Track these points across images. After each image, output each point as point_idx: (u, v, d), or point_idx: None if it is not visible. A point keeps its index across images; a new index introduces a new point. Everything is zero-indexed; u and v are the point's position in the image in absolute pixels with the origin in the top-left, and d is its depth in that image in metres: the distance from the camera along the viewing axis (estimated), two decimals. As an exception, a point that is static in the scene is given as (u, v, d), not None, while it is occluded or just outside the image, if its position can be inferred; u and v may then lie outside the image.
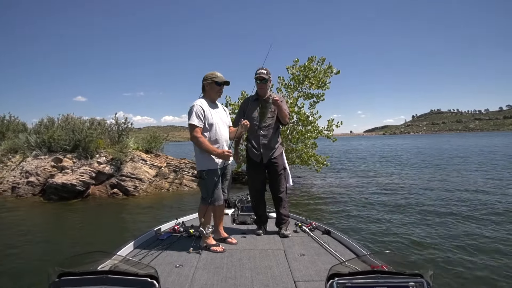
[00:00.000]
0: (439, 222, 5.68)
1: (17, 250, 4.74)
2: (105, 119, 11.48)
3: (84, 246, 4.95)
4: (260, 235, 2.98)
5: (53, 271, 1.30)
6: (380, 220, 5.97)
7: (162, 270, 2.14)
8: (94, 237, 5.55)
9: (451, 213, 6.29)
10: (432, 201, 7.57)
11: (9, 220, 6.78)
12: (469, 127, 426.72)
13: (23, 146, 10.91)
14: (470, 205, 7.02)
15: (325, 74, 10.85)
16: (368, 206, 7.17)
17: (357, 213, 6.49)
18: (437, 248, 4.41)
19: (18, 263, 4.22)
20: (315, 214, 6.54)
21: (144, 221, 6.31)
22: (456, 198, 7.77)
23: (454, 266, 3.82)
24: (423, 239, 4.78)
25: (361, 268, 1.44)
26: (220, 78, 2.71)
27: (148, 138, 11.51)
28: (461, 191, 8.71)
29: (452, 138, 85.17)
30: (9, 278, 3.76)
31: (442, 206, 7.00)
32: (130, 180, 9.37)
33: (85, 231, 5.96)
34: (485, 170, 13.05)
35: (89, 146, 9.94)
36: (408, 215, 6.26)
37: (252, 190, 3.10)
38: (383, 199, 7.93)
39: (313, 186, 10.43)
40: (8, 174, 10.23)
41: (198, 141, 2.55)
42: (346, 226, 5.60)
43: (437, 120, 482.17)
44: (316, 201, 7.97)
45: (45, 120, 11.64)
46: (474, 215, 6.13)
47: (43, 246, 5.00)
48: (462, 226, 5.45)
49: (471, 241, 4.67)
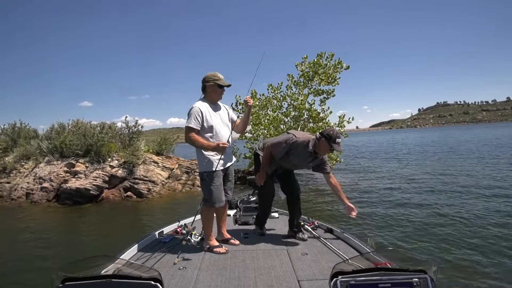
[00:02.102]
0: (442, 218, 5.64)
1: (29, 255, 4.75)
2: (115, 123, 11.50)
3: (99, 249, 4.93)
4: (264, 235, 2.99)
5: (57, 276, 1.29)
6: (383, 217, 5.95)
7: (165, 272, 2.13)
8: (110, 240, 5.53)
9: (456, 209, 6.23)
10: (435, 196, 7.52)
11: (25, 225, 6.81)
12: (477, 119, 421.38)
13: (35, 152, 10.98)
14: (477, 200, 6.92)
15: (335, 70, 10.72)
16: (372, 202, 7.18)
17: (361, 210, 6.44)
18: (440, 244, 4.40)
19: (31, 268, 4.22)
20: (318, 212, 6.55)
21: (159, 223, 6.27)
22: (462, 192, 7.70)
23: (458, 261, 3.82)
24: (426, 236, 4.76)
25: (365, 265, 1.44)
26: (222, 81, 2.66)
27: (159, 140, 11.50)
28: (467, 186, 8.56)
29: (460, 130, 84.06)
30: (20, 283, 3.78)
31: (445, 202, 6.93)
32: (143, 182, 9.36)
33: (101, 235, 5.96)
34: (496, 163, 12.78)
35: (101, 150, 9.95)
36: (413, 212, 6.23)
37: (266, 195, 3.00)
38: (388, 196, 7.88)
39: (316, 183, 10.29)
40: (21, 181, 10.29)
41: (191, 140, 2.53)
42: (348, 225, 5.59)
43: (444, 113, 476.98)
44: (320, 198, 7.95)
45: (56, 125, 11.69)
46: (481, 210, 6.05)
47: (58, 251, 5.00)
48: (466, 222, 5.38)
49: (475, 237, 4.61)
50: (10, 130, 12.90)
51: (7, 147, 12.39)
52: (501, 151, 17.45)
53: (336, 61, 10.72)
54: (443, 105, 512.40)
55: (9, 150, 12.13)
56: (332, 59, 10.82)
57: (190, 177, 10.54)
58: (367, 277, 1.29)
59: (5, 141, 12.59)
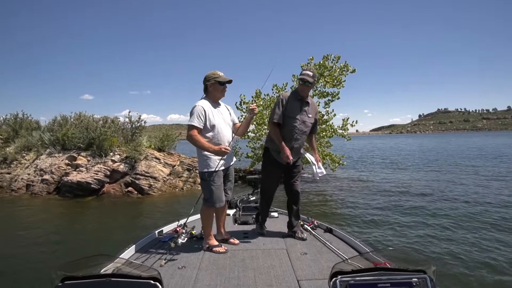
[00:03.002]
0: (443, 220, 5.74)
1: (29, 249, 4.73)
2: (117, 117, 11.45)
3: (99, 244, 4.92)
4: (264, 234, 2.97)
5: (56, 275, 1.29)
6: (383, 217, 6.01)
7: (164, 272, 2.13)
8: (110, 236, 5.51)
9: (454, 212, 6.35)
10: (435, 200, 7.59)
11: (25, 217, 6.79)
12: (477, 127, 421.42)
13: (36, 144, 10.93)
14: (473, 202, 7.09)
15: (341, 73, 10.69)
16: (373, 203, 7.20)
17: (360, 211, 6.51)
18: (439, 244, 4.47)
19: (29, 262, 4.19)
20: (318, 212, 6.57)
21: (161, 220, 6.24)
22: (458, 195, 7.88)
23: (458, 261, 3.87)
24: (425, 236, 4.85)
25: (364, 265, 1.43)
26: (223, 77, 2.65)
27: (161, 136, 11.46)
28: (466, 189, 8.67)
29: (462, 137, 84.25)
30: (18, 277, 3.74)
31: (445, 203, 7.07)
32: (144, 178, 9.32)
33: (102, 230, 5.94)
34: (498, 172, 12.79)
35: (103, 144, 9.91)
36: (412, 214, 6.32)
37: (268, 191, 3.01)
38: (388, 196, 7.96)
39: (317, 183, 10.29)
40: (22, 172, 10.25)
41: (193, 139, 2.51)
42: (348, 224, 5.66)
43: (444, 119, 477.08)
44: (320, 198, 7.92)
45: (59, 118, 11.64)
46: (481, 210, 6.28)
47: (58, 244, 4.98)
48: (465, 224, 5.51)
49: (475, 238, 4.73)
50: (12, 120, 12.85)
51: (9, 137, 12.33)
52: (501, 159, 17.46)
53: (343, 64, 10.68)
54: (443, 112, 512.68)
55: (11, 140, 12.07)
56: (338, 62, 10.79)
57: (191, 174, 10.51)
58: (366, 277, 1.29)
59: (7, 131, 12.54)
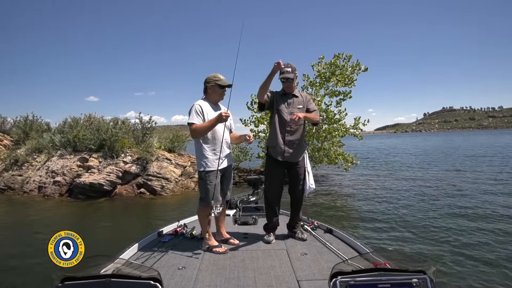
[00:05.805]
0: (444, 220, 5.70)
1: (35, 247, 4.72)
2: (128, 119, 11.44)
3: (112, 246, 4.82)
4: (270, 243, 2.72)
5: (56, 275, 1.30)
6: (383, 218, 5.98)
7: (164, 272, 2.14)
8: (125, 237, 5.42)
9: (456, 211, 6.31)
10: (435, 198, 7.59)
11: (37, 219, 6.79)
12: (483, 125, 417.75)
13: (47, 146, 10.94)
14: (474, 202, 7.04)
15: (353, 71, 10.58)
16: (373, 203, 7.19)
17: (361, 212, 6.50)
18: (440, 245, 4.45)
19: (37, 262, 4.13)
20: (318, 213, 6.54)
21: (174, 220, 6.18)
22: (461, 196, 7.78)
23: (458, 261, 3.87)
24: (425, 237, 4.86)
25: (364, 266, 1.44)
26: (223, 81, 2.68)
27: (171, 137, 11.43)
28: (470, 189, 8.58)
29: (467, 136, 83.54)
30: (24, 277, 3.75)
31: (444, 203, 7.00)
32: (156, 179, 9.28)
33: (115, 231, 5.92)
34: None
35: (115, 145, 9.88)
36: (413, 213, 6.30)
37: (270, 192, 2.91)
38: (388, 197, 7.90)
39: (317, 183, 10.18)
40: (33, 174, 10.26)
41: (196, 131, 2.55)
42: (348, 225, 5.65)
43: (450, 118, 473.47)
44: (320, 198, 7.90)
45: (69, 119, 11.65)
46: (480, 212, 6.18)
47: None
48: (466, 223, 5.49)
49: (475, 238, 4.72)
50: (22, 122, 12.89)
51: (19, 139, 12.38)
52: None
53: (354, 63, 10.57)
54: (449, 110, 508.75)
55: (21, 142, 12.12)
56: (349, 61, 10.68)
57: (202, 175, 10.45)
58: (366, 278, 1.30)
59: (17, 133, 12.59)
